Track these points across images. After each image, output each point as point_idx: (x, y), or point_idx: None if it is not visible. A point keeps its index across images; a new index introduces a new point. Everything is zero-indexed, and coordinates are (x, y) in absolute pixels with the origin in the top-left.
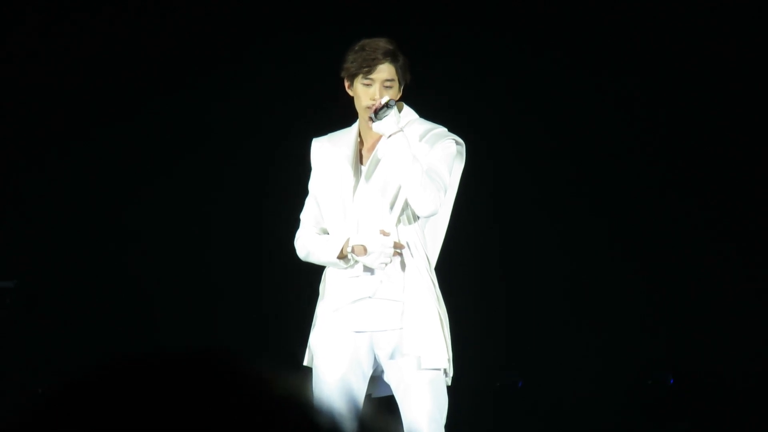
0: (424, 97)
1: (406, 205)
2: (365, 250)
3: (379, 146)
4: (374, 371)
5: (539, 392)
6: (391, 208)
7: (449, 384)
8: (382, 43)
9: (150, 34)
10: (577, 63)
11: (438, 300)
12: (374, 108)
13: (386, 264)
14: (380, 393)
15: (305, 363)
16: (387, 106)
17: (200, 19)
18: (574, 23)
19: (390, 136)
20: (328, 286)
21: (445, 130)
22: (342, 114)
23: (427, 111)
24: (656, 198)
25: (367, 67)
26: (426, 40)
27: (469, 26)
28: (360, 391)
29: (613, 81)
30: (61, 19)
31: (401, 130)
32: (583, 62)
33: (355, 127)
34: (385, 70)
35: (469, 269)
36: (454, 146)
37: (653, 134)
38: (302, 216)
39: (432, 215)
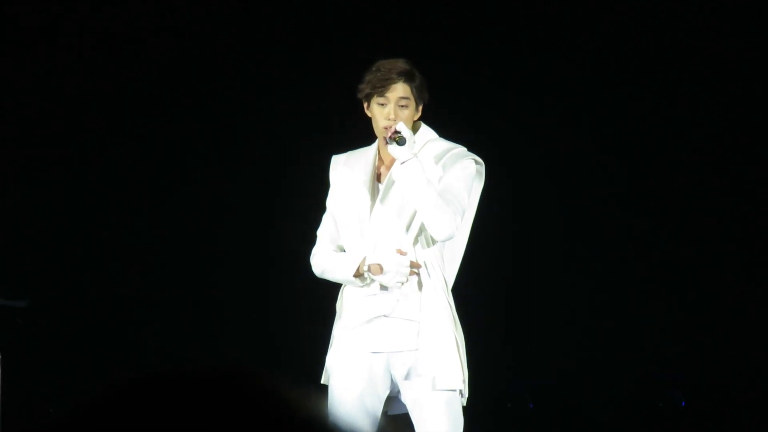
0: (443, 114)
1: (424, 225)
2: (381, 268)
3: (393, 168)
4: (391, 391)
5: (549, 413)
6: (408, 228)
7: (464, 404)
8: (398, 64)
9: (164, 46)
10: (599, 79)
11: (454, 321)
12: (390, 132)
13: (402, 283)
14: (396, 411)
15: (322, 381)
16: (397, 142)
17: (216, 31)
18: (598, 39)
19: (403, 162)
20: (345, 304)
21: (464, 149)
22: (358, 129)
23: (446, 128)
24: (676, 218)
25: (381, 87)
26: (447, 57)
27: (490, 42)
28: (375, 412)
29: (636, 95)
30: (70, 30)
31: (415, 155)
32: (606, 78)
33: (374, 146)
34: (400, 89)
35: (485, 289)
36: (473, 166)
37: (676, 150)
38: (319, 233)
39: (449, 239)
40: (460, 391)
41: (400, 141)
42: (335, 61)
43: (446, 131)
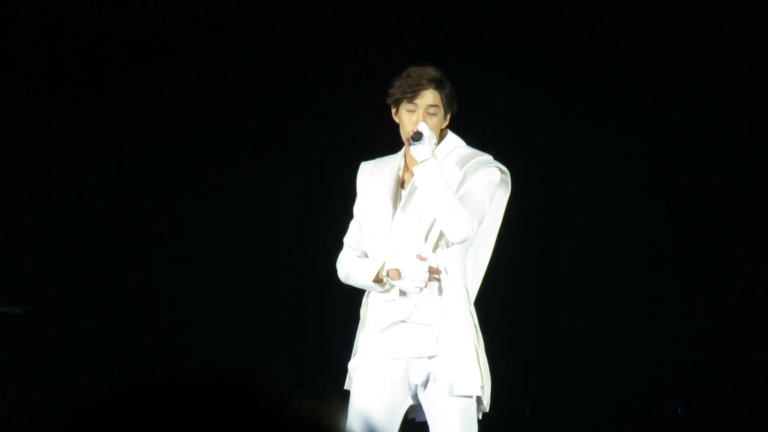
0: (476, 125)
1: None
2: (399, 274)
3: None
4: (414, 398)
5: (548, 421)
6: (428, 234)
7: (486, 411)
8: (429, 71)
9: (195, 55)
10: (631, 95)
11: (475, 329)
12: (413, 131)
13: (421, 289)
14: (423, 417)
15: (345, 386)
16: (413, 138)
17: (247, 40)
18: (631, 42)
19: (421, 162)
20: (368, 310)
21: (490, 158)
22: (387, 140)
23: (477, 139)
24: (702, 226)
25: (411, 93)
26: (477, 67)
27: (522, 54)
28: (393, 420)
29: (654, 109)
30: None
31: (434, 156)
32: (636, 95)
33: (400, 153)
34: (429, 96)
35: (506, 301)
36: (497, 174)
37: (712, 156)
38: (345, 239)
39: (464, 241)
40: (479, 398)
41: (416, 136)
42: (367, 70)
43: (470, 136)
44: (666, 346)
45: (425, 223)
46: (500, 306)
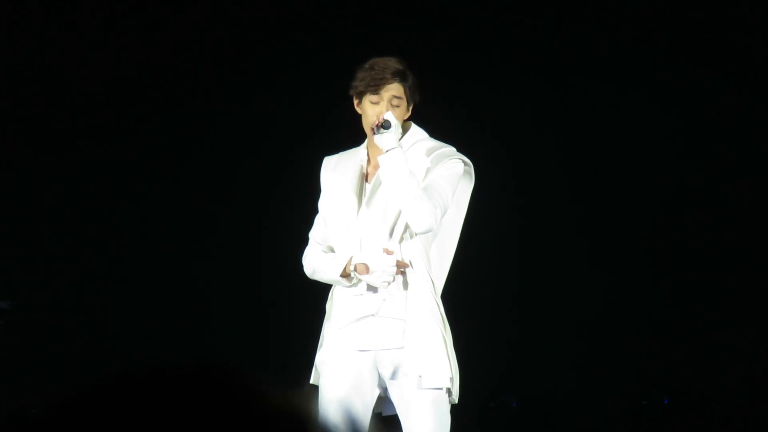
0: (451, 117)
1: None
2: (367, 268)
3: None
4: (383, 391)
5: (535, 413)
6: (393, 227)
7: (455, 402)
8: (392, 63)
9: (155, 45)
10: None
11: (442, 320)
12: (378, 121)
13: (388, 283)
14: (389, 411)
15: (312, 381)
16: (383, 126)
17: (205, 31)
18: (605, 26)
19: (387, 151)
20: (334, 304)
21: (453, 149)
22: (351, 131)
23: (452, 130)
24: (679, 216)
25: (375, 86)
26: (447, 59)
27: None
28: (364, 410)
29: (636, 98)
30: (67, 29)
31: (400, 146)
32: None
33: (363, 146)
34: (393, 89)
35: (478, 291)
36: (460, 166)
37: (685, 162)
38: (311, 234)
39: (427, 232)
40: (448, 389)
41: (385, 124)
42: (331, 62)
43: (440, 128)
44: (654, 339)
45: (390, 217)
46: (488, 298)
